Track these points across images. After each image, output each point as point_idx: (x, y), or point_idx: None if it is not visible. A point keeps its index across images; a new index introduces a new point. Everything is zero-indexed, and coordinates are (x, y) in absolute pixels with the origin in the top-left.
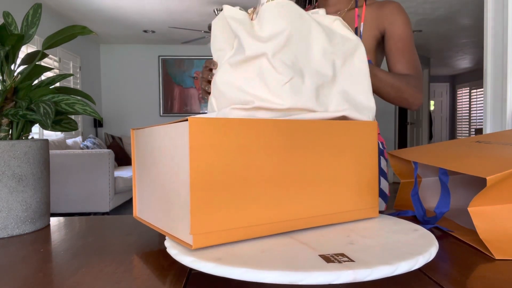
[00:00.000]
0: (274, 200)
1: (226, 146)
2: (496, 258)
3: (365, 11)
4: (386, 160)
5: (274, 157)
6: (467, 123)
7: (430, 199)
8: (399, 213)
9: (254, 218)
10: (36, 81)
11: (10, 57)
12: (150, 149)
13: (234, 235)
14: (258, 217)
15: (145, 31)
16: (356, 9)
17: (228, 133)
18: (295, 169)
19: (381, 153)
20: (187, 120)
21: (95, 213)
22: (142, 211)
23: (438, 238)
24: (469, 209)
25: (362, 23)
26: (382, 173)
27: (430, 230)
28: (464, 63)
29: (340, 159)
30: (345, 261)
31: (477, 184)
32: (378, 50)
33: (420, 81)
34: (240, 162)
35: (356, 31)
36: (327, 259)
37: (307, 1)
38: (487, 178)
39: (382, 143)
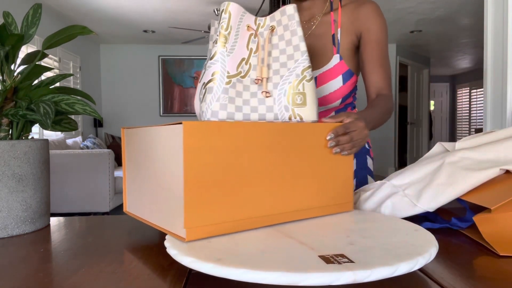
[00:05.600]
0: (261, 196)
1: (217, 147)
2: (501, 254)
3: (341, 14)
4: (372, 159)
5: (260, 156)
6: (467, 123)
7: None
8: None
9: (242, 213)
10: (36, 81)
11: (10, 57)
12: (144, 149)
13: (224, 228)
14: (246, 212)
15: (145, 31)
16: (332, 13)
17: (219, 135)
18: (279, 167)
19: (367, 152)
20: (181, 123)
21: (95, 213)
22: (132, 206)
23: (438, 238)
24: (474, 218)
25: (339, 29)
26: (369, 172)
27: (434, 229)
28: (464, 63)
29: (318, 158)
30: (344, 262)
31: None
32: (357, 56)
33: (391, 95)
34: (229, 162)
35: (333, 39)
36: (327, 260)
37: (281, 3)
38: (492, 208)
39: (367, 142)
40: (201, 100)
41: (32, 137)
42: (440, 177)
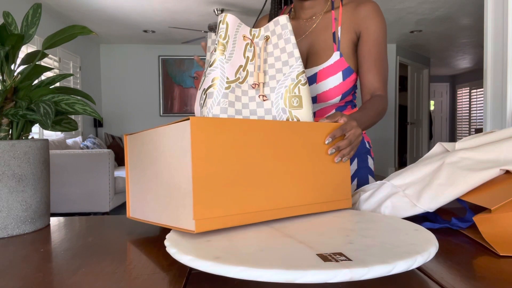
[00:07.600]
0: (265, 191)
1: (222, 141)
2: (501, 254)
3: (342, 13)
4: (373, 158)
5: (264, 152)
6: (467, 123)
7: None
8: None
9: (247, 206)
10: (36, 81)
11: (10, 57)
12: (148, 151)
13: (230, 221)
14: (251, 206)
15: (145, 31)
16: (333, 11)
17: (224, 130)
18: (281, 163)
19: (367, 152)
20: (188, 119)
21: (95, 213)
22: (136, 211)
23: (438, 238)
24: (474, 218)
25: (339, 27)
26: (370, 172)
27: (435, 229)
28: (464, 63)
29: (319, 155)
30: (342, 260)
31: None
32: (356, 54)
33: (386, 96)
34: (235, 156)
35: (334, 36)
36: (325, 258)
37: (283, 2)
38: (492, 208)
39: (368, 142)
40: (202, 106)
41: (32, 137)
42: (440, 177)
